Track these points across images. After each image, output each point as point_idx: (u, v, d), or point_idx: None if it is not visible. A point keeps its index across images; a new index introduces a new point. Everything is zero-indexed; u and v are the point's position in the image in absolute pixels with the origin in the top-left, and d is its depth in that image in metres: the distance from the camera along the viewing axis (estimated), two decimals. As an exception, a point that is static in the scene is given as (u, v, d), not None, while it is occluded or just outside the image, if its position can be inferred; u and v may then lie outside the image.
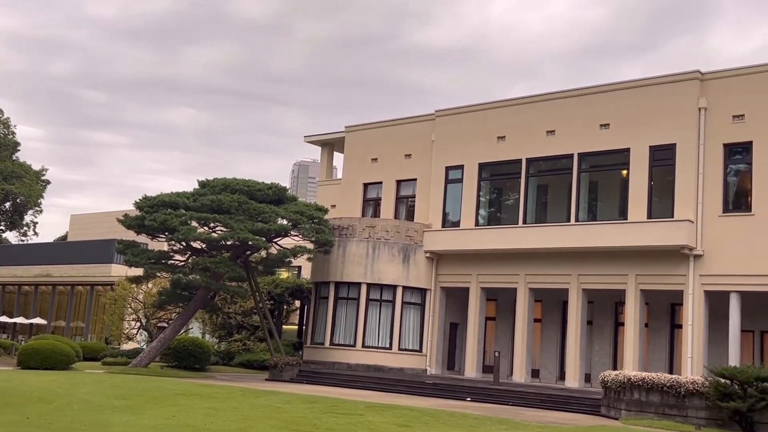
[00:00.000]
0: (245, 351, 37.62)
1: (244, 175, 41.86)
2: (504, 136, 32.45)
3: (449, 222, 33.96)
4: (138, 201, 32.22)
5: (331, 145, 42.61)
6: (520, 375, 30.78)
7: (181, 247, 32.52)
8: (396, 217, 35.93)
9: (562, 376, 31.43)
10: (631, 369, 26.82)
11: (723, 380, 20.24)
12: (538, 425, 18.88)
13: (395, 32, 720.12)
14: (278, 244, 33.16)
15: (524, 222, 31.52)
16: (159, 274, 34.48)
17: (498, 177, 33.59)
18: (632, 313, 28.40)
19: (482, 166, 33.18)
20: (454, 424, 17.52)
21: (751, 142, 26.65)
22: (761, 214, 26.01)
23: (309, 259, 33.89)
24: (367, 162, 37.59)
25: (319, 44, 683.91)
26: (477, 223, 32.95)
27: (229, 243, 31.63)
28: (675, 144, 27.94)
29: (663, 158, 28.31)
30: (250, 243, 30.89)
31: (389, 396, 25.48)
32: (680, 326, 28.61)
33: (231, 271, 31.33)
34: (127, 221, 32.13)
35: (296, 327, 41.69)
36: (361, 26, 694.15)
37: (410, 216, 35.62)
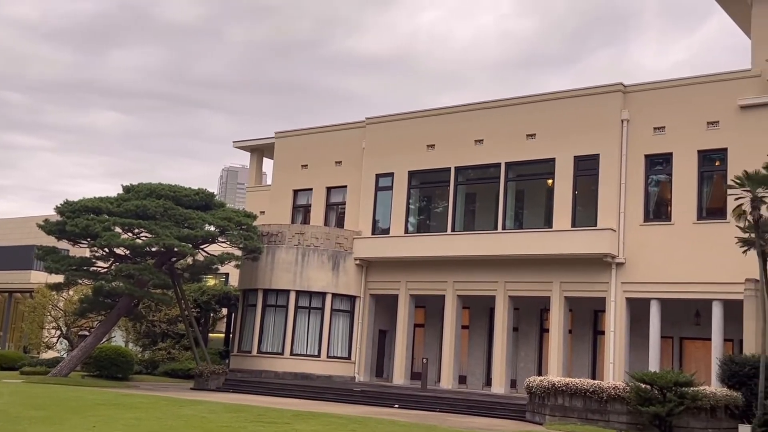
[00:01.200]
0: (170, 360, 36.95)
1: (171, 181, 41.55)
2: (433, 145, 32.73)
3: (379, 229, 34.05)
4: (59, 206, 31.36)
5: (260, 150, 42.26)
6: (447, 381, 31.01)
7: (104, 253, 31.77)
8: (326, 224, 35.84)
9: (488, 382, 31.79)
10: (555, 375, 27.32)
11: (643, 385, 20.77)
12: (465, 431, 19.04)
13: (326, 39, 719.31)
14: (205, 251, 32.68)
15: (453, 230, 31.82)
16: (80, 281, 33.59)
17: (427, 185, 33.85)
18: (557, 320, 28.94)
19: (412, 174, 33.39)
20: (381, 431, 17.53)
21: (671, 154, 27.50)
22: (680, 224, 26.85)
23: (237, 266, 33.50)
24: (297, 168, 37.41)
25: (250, 49, 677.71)
26: (406, 231, 33.12)
27: (154, 249, 31.03)
28: (598, 154, 28.63)
29: (587, 168, 28.98)
30: (175, 249, 30.35)
31: (317, 404, 25.34)
32: (603, 332, 29.28)
33: (156, 278, 30.74)
34: (47, 226, 31.17)
35: (223, 335, 41.16)
36: (292, 32, 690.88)
37: (340, 223, 35.58)
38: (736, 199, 22.10)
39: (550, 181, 29.93)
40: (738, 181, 21.82)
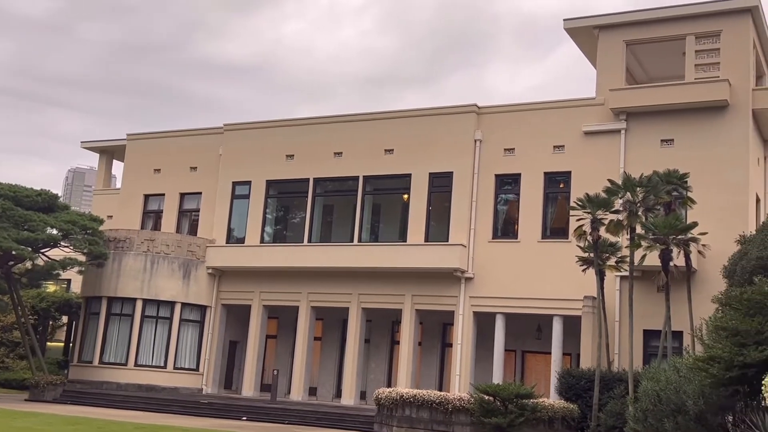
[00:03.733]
0: (3, 369, 34.88)
1: (12, 180, 39.44)
2: (293, 155, 32.61)
3: (234, 238, 33.48)
4: None
5: (110, 152, 40.64)
6: (298, 393, 30.84)
7: (-68, 254, 29.56)
8: (178, 231, 34.86)
9: (339, 394, 31.88)
10: (404, 386, 27.73)
11: (486, 397, 21.48)
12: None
13: (186, 42, 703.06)
14: (46, 255, 31.05)
15: (309, 241, 31.78)
16: None
17: (285, 195, 33.66)
18: (407, 332, 29.44)
19: (270, 183, 33.10)
20: (227, 445, 17.18)
21: (519, 174, 28.67)
22: (526, 242, 28.01)
23: (80, 272, 32.03)
24: (150, 172, 36.21)
25: (104, 48, 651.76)
26: (262, 240, 32.75)
27: (-11, 252, 29.19)
28: (452, 172, 29.45)
29: (441, 185, 29.74)
30: (13, 253, 28.72)
31: (161, 416, 24.56)
32: (451, 345, 30.06)
33: (-10, 282, 28.92)
34: None
35: (62, 344, 39.28)
36: (150, 33, 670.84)
37: (193, 230, 34.71)
38: (578, 220, 23.38)
39: (405, 196, 30.50)
40: (579, 203, 23.11)
